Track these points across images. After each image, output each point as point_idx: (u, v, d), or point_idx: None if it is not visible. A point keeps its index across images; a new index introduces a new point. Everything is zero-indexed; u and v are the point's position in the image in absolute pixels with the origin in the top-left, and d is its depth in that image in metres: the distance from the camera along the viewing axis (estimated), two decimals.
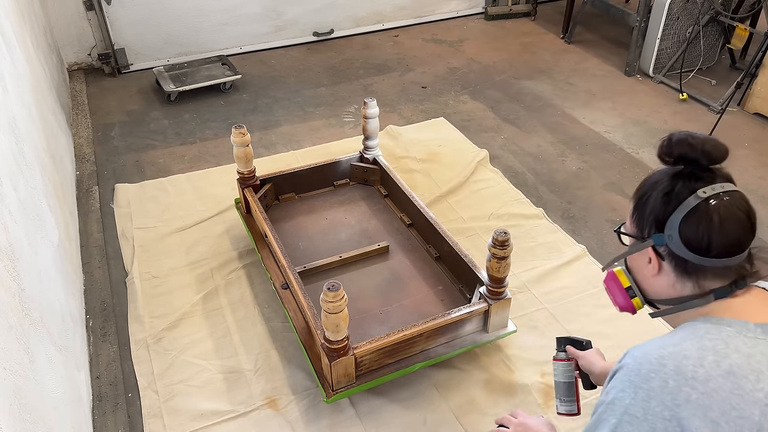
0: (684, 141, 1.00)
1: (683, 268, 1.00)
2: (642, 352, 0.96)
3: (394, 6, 4.76)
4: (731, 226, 0.96)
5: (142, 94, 3.89)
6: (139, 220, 2.77)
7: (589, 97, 3.83)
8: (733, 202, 0.97)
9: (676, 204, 0.99)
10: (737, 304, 0.98)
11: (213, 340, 2.21)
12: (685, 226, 0.97)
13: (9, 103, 2.01)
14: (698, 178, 0.99)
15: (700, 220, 0.96)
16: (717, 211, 0.96)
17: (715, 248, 0.96)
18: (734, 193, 0.99)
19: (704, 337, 0.93)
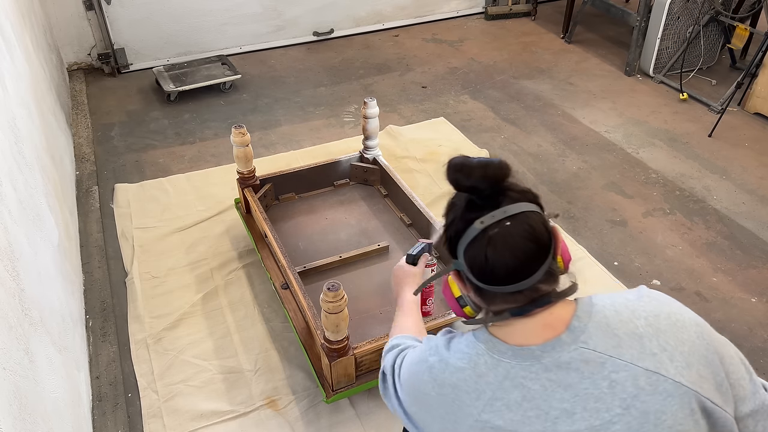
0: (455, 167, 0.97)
1: (477, 291, 0.99)
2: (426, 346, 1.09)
3: (394, 6, 4.75)
4: (506, 255, 0.93)
5: (142, 94, 3.89)
6: (139, 220, 2.77)
7: (589, 97, 3.82)
8: (513, 230, 0.93)
9: (460, 234, 0.97)
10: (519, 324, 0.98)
11: (213, 340, 2.21)
12: (468, 257, 0.96)
13: (9, 103, 2.00)
14: (479, 207, 0.96)
15: (479, 250, 0.94)
16: (493, 242, 0.93)
17: (498, 277, 0.94)
18: (519, 216, 0.94)
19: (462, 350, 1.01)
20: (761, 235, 2.69)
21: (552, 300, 0.97)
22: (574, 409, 0.92)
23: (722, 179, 3.06)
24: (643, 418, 0.90)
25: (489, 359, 0.97)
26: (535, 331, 0.96)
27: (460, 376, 0.98)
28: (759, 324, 2.30)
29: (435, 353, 1.05)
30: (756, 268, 2.52)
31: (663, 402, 0.91)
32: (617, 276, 2.47)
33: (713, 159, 3.22)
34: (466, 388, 0.97)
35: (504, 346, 0.97)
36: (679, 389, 0.92)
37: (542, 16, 5.01)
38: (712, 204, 2.89)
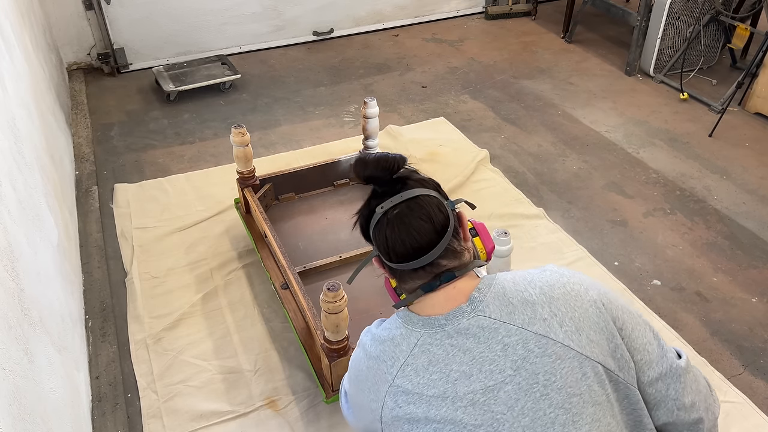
0: (357, 161, 1.13)
1: (393, 272, 1.13)
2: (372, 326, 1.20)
3: (394, 5, 4.75)
4: (403, 234, 1.06)
5: (142, 94, 3.89)
6: (139, 220, 2.77)
7: (589, 97, 3.82)
8: (408, 212, 1.07)
9: (368, 218, 1.12)
10: (429, 298, 1.10)
11: (212, 340, 2.21)
12: (375, 240, 1.11)
13: (8, 103, 2.00)
14: (380, 195, 1.11)
15: (381, 232, 1.09)
16: (391, 223, 1.07)
17: (398, 255, 1.08)
18: (414, 200, 1.08)
19: (385, 326, 1.14)
20: (762, 235, 2.69)
21: (456, 275, 1.09)
22: (471, 371, 1.01)
23: (723, 179, 3.06)
24: (533, 378, 0.99)
25: (404, 330, 1.08)
26: (440, 302, 1.08)
27: (382, 348, 1.10)
28: (759, 324, 2.30)
29: (367, 333, 1.18)
30: (756, 268, 2.52)
31: (552, 364, 0.99)
32: (617, 276, 2.47)
33: (714, 159, 3.21)
34: (384, 357, 1.09)
35: (416, 318, 1.08)
36: (568, 352, 1.00)
37: (542, 15, 5.01)
38: (713, 204, 2.88)
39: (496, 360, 1.00)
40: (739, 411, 1.97)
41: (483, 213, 2.80)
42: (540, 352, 0.99)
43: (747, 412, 1.97)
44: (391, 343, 1.09)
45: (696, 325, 2.29)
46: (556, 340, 1.00)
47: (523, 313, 1.03)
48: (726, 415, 1.95)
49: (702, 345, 2.20)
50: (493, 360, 1.00)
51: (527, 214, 2.80)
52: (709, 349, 2.19)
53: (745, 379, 2.10)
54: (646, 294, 2.41)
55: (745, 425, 1.94)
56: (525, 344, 1.00)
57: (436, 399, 1.02)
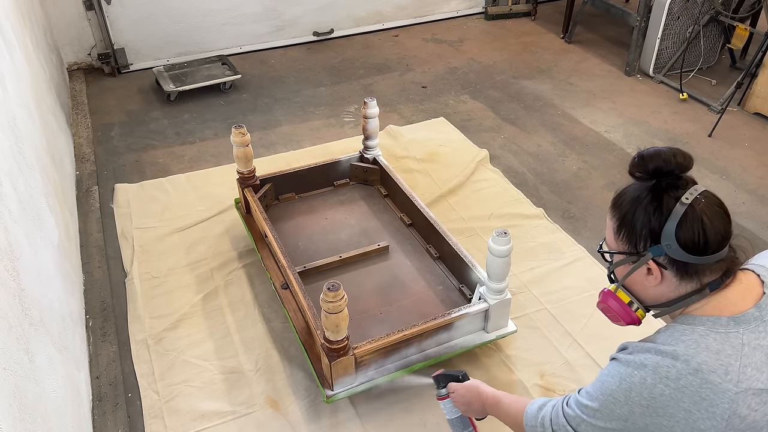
0: (657, 155, 1.08)
1: (684, 271, 1.07)
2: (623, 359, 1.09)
3: (394, 6, 4.75)
4: (718, 221, 1.04)
5: (142, 94, 3.89)
6: (139, 220, 2.77)
7: (589, 97, 3.82)
8: (711, 201, 1.06)
9: (667, 215, 1.05)
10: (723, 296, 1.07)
11: (213, 340, 2.21)
12: (680, 233, 1.04)
13: (9, 103, 2.00)
14: (677, 187, 1.07)
15: (694, 224, 1.03)
16: (704, 212, 1.04)
17: (711, 246, 1.04)
18: (705, 192, 1.06)
19: (679, 339, 1.04)
20: (761, 235, 2.69)
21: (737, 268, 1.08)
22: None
23: (722, 179, 3.06)
24: None
25: (717, 336, 1.02)
26: (739, 297, 1.06)
27: (699, 360, 1.00)
28: None
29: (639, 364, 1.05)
30: None
31: None
32: None
33: (713, 159, 3.22)
34: (709, 369, 0.99)
35: (723, 320, 1.04)
36: None
37: (542, 16, 5.01)
38: None
39: None
40: None
41: (483, 213, 2.81)
42: None
43: None
44: (707, 353, 1.01)
45: None
46: None
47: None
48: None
49: None
50: None
51: (527, 214, 2.80)
52: None
53: None
54: None
55: None
56: None
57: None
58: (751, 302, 1.05)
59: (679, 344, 1.03)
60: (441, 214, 2.76)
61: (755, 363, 1.00)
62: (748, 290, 1.07)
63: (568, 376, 2.06)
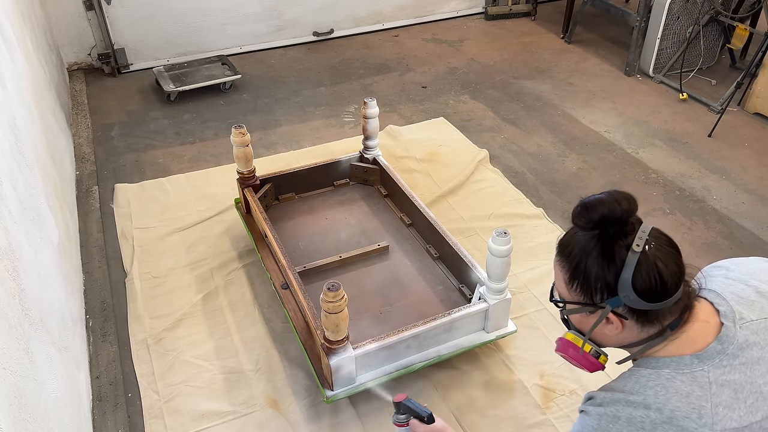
0: (601, 204, 1.02)
1: (645, 317, 1.03)
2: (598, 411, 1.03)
3: (394, 6, 4.75)
4: (672, 263, 1.00)
5: (142, 94, 3.89)
6: (139, 220, 2.77)
7: (589, 97, 3.82)
8: (661, 241, 1.02)
9: (620, 265, 1.00)
10: (681, 336, 1.03)
11: (213, 340, 2.21)
12: (637, 282, 0.99)
13: (9, 103, 2.00)
14: (625, 234, 1.01)
15: (649, 272, 0.99)
16: (657, 258, 0.99)
17: (669, 289, 1.00)
18: (653, 232, 1.03)
19: (646, 385, 1.00)
20: (761, 235, 2.69)
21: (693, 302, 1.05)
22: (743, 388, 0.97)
23: (722, 179, 3.06)
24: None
25: (683, 377, 0.98)
26: (699, 332, 1.02)
27: (670, 407, 0.97)
28: None
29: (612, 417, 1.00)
30: None
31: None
32: None
33: (713, 159, 3.22)
34: (683, 415, 0.96)
35: (686, 359, 1.00)
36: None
37: (542, 16, 5.01)
38: (712, 204, 2.89)
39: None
40: None
41: (483, 213, 2.81)
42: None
43: None
44: (677, 398, 0.97)
45: None
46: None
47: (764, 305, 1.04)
48: None
49: None
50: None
51: (527, 214, 2.80)
52: None
53: None
54: None
55: None
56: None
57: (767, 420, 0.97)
58: (711, 336, 1.01)
59: (648, 391, 1.00)
60: (441, 214, 2.76)
61: (726, 401, 0.96)
62: (706, 323, 1.03)
63: (568, 376, 2.06)
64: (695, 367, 0.99)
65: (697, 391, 0.97)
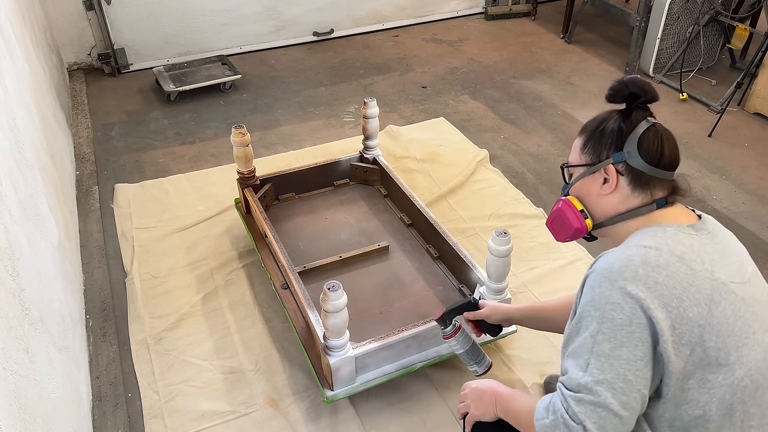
0: (634, 82, 1.23)
1: (638, 179, 1.20)
2: (611, 255, 1.13)
3: (394, 6, 4.75)
4: (673, 143, 1.21)
5: (142, 94, 3.89)
6: (139, 220, 2.77)
7: (588, 97, 3.82)
8: (668, 131, 1.22)
9: (634, 125, 1.20)
10: (669, 213, 1.19)
11: (213, 340, 2.21)
12: (642, 141, 1.19)
13: (9, 103, 2.00)
14: (645, 110, 1.23)
15: (654, 138, 1.19)
16: (664, 132, 1.21)
17: (666, 160, 1.19)
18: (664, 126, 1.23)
19: (655, 236, 1.13)
20: (761, 235, 2.69)
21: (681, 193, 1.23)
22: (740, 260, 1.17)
23: (722, 179, 3.06)
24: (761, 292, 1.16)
25: (685, 235, 1.13)
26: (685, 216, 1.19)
27: (680, 251, 1.10)
28: None
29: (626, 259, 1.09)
30: None
31: None
32: None
33: (713, 159, 3.22)
34: (691, 257, 1.09)
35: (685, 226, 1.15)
36: None
37: (542, 16, 5.01)
38: (712, 204, 2.89)
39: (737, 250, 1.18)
40: None
41: (483, 213, 2.81)
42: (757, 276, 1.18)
43: None
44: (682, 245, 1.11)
45: None
46: None
47: None
48: None
49: None
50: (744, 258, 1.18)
51: (527, 214, 2.80)
52: None
53: None
54: None
55: None
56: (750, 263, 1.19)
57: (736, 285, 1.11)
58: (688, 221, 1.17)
59: (657, 239, 1.11)
60: (441, 214, 2.76)
61: (717, 259, 1.11)
62: (684, 213, 1.20)
63: None
64: (692, 232, 1.14)
65: (697, 245, 1.11)
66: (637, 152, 1.18)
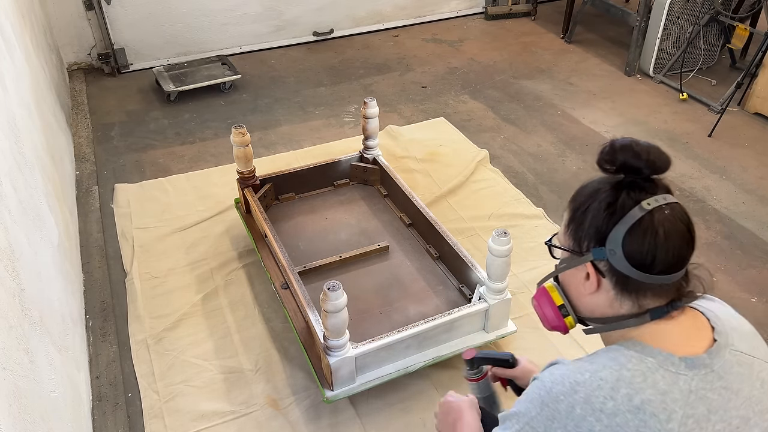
0: (628, 148, 0.94)
1: (623, 285, 0.95)
2: (560, 372, 0.94)
3: (394, 6, 4.75)
4: (675, 241, 0.92)
5: (142, 94, 3.89)
6: (139, 220, 2.77)
7: (589, 97, 3.82)
8: (676, 215, 0.93)
9: (620, 216, 0.92)
10: (668, 329, 0.94)
11: (213, 340, 2.21)
12: (629, 240, 0.91)
13: (9, 103, 2.00)
14: (642, 189, 0.93)
15: (645, 234, 0.91)
16: (662, 225, 0.91)
17: (659, 264, 0.91)
18: (675, 205, 0.94)
19: (625, 366, 0.90)
20: (761, 235, 2.69)
21: (684, 302, 0.95)
22: (748, 414, 0.90)
23: (722, 179, 3.06)
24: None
25: (666, 374, 0.89)
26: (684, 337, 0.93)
27: (643, 397, 0.87)
28: (759, 324, 2.30)
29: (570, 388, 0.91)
30: (756, 268, 2.52)
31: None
32: None
33: (713, 159, 3.22)
34: (652, 411, 0.86)
35: (675, 359, 0.90)
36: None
37: (542, 16, 5.01)
38: (712, 204, 2.89)
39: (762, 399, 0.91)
40: None
41: (483, 213, 2.81)
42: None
43: None
44: (654, 391, 0.88)
45: None
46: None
47: (757, 344, 0.96)
48: None
49: None
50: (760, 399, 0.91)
51: (527, 214, 2.80)
52: None
53: None
54: None
55: None
56: None
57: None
58: (702, 347, 0.92)
59: (625, 372, 0.89)
60: (441, 214, 2.76)
61: (697, 416, 0.88)
62: (696, 331, 0.94)
63: None
64: (682, 370, 0.90)
65: (676, 394, 0.88)
66: (621, 253, 0.92)
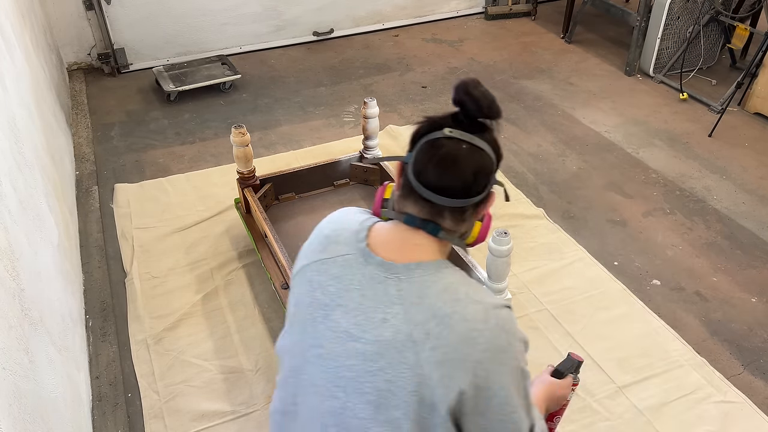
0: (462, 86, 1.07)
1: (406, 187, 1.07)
2: None
3: (394, 6, 4.75)
4: (451, 169, 1.02)
5: (142, 94, 3.89)
6: (139, 220, 2.77)
7: (589, 97, 3.82)
8: (465, 154, 1.02)
9: (427, 132, 1.06)
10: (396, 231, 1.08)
11: (213, 340, 2.21)
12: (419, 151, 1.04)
13: (9, 103, 2.00)
14: (459, 122, 1.05)
15: (432, 151, 1.03)
16: (446, 151, 1.02)
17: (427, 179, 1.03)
18: (477, 149, 1.03)
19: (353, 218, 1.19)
20: (761, 234, 2.69)
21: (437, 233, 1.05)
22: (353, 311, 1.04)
23: (722, 179, 3.06)
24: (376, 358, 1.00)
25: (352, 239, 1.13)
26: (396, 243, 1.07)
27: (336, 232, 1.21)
28: (759, 324, 2.30)
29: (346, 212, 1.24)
30: (756, 268, 2.52)
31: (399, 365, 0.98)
32: (617, 276, 2.47)
33: (713, 159, 3.22)
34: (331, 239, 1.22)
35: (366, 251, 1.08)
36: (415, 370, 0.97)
37: (542, 16, 5.01)
38: (712, 204, 2.89)
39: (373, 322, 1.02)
40: (739, 411, 1.98)
41: None
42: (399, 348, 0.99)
43: (747, 412, 1.97)
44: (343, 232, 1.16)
45: (695, 324, 2.29)
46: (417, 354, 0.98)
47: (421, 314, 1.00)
48: (726, 415, 1.96)
49: (702, 345, 2.21)
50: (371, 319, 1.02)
51: (527, 214, 2.80)
52: (709, 349, 2.19)
53: (744, 379, 2.10)
54: (646, 294, 2.41)
55: (745, 425, 1.94)
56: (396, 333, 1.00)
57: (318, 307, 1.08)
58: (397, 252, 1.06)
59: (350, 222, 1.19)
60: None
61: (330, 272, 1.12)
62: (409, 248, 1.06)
63: None
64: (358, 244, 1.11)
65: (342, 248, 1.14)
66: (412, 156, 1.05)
